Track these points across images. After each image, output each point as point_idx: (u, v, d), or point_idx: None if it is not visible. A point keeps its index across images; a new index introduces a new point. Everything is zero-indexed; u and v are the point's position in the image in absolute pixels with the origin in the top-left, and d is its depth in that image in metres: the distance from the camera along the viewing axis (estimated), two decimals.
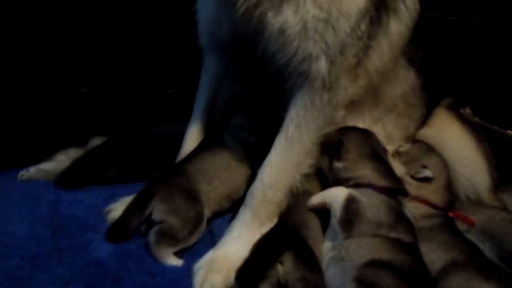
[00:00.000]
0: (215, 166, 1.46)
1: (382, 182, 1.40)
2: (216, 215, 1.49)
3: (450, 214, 1.53)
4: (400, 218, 1.35)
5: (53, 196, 1.53)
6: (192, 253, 1.36)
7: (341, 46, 1.29)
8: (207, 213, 1.40)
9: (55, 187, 1.56)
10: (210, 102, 1.64)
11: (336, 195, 1.36)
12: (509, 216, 1.55)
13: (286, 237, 1.30)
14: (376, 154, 1.46)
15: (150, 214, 1.33)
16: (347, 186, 1.41)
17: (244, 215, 1.36)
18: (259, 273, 1.17)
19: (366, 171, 1.41)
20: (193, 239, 1.36)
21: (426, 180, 1.54)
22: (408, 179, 1.54)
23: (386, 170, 1.45)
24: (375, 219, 1.31)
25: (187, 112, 1.68)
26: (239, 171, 1.52)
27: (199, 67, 1.66)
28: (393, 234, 1.30)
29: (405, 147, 1.62)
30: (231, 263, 1.27)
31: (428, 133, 1.71)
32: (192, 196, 1.36)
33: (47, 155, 1.66)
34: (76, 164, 1.58)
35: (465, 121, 1.74)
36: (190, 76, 1.78)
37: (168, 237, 1.30)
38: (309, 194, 1.45)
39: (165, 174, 1.45)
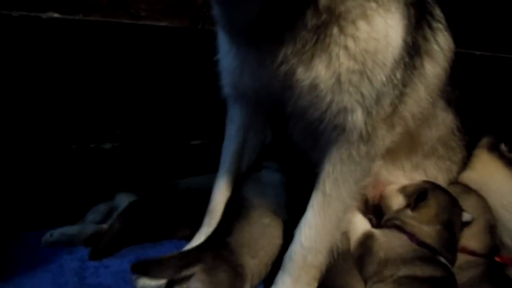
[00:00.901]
0: (254, 235, 1.36)
1: (430, 241, 1.32)
2: None
3: (497, 259, 1.43)
4: (430, 259, 1.29)
5: (77, 263, 1.45)
6: None
7: (377, 96, 1.22)
8: None
9: (78, 252, 1.48)
10: (237, 154, 1.55)
11: (355, 227, 1.37)
12: None
13: None
14: (451, 225, 1.38)
15: (186, 279, 1.22)
16: (388, 224, 1.39)
17: (284, 281, 1.27)
18: None
19: (430, 231, 1.34)
20: None
21: (465, 224, 1.44)
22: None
23: (449, 240, 1.36)
24: (391, 256, 1.29)
25: (212, 163, 1.61)
26: (274, 230, 1.41)
27: (223, 116, 1.60)
28: (425, 272, 1.26)
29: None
30: None
31: (471, 177, 1.63)
32: (237, 272, 1.26)
33: (71, 215, 1.60)
34: (109, 238, 1.49)
35: (508, 163, 1.65)
36: (214, 126, 1.72)
37: None
38: (348, 253, 1.36)
39: (211, 244, 1.35)
